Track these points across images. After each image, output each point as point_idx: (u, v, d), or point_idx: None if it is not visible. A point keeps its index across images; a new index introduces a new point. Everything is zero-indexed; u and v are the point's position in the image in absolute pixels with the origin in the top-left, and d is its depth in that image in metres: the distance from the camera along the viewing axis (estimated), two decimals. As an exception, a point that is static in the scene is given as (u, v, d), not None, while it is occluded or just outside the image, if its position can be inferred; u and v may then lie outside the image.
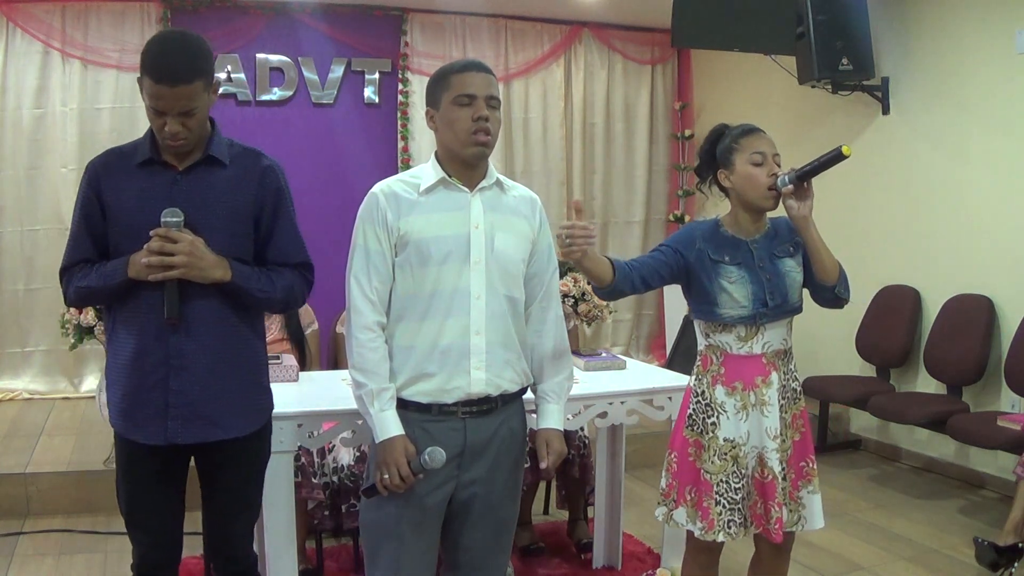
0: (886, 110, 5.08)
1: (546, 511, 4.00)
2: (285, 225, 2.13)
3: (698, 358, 2.36)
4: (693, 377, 2.37)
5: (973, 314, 4.50)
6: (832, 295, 2.28)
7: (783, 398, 2.31)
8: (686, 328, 5.89)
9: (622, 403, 2.98)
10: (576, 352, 3.25)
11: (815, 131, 5.48)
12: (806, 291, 2.36)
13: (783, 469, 2.29)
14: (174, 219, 1.94)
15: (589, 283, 2.32)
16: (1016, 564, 3.30)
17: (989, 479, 4.44)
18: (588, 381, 3.06)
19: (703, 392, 2.32)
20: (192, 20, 5.67)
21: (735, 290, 2.25)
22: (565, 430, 2.21)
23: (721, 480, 2.27)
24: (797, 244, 2.32)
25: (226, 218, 2.03)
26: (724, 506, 2.26)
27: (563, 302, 4.01)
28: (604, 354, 3.45)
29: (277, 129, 5.91)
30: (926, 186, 4.80)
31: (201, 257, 1.96)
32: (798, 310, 2.33)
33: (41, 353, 5.65)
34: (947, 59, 4.70)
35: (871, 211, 5.19)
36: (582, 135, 6.65)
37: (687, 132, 6.84)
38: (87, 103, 5.60)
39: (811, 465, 2.35)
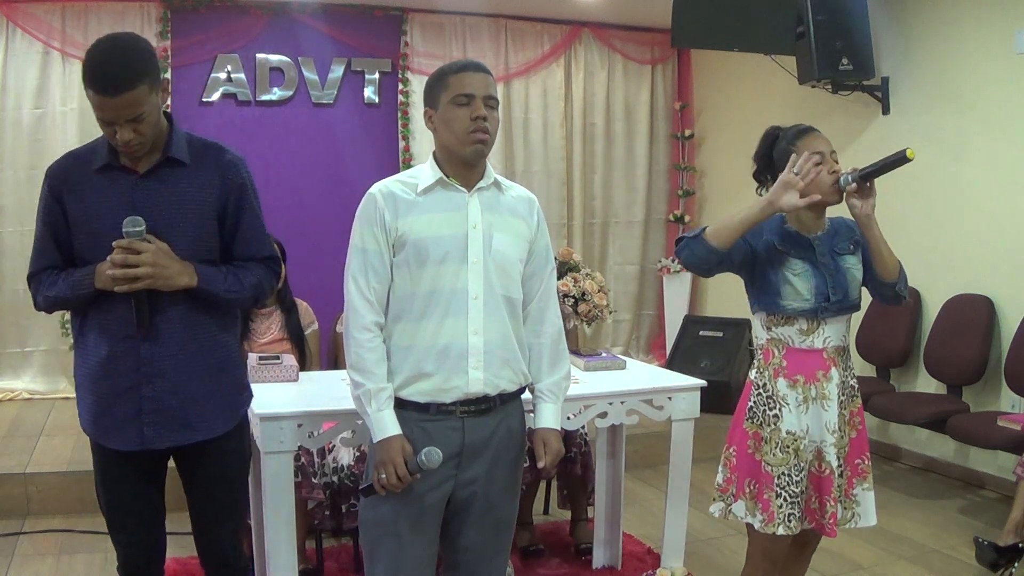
0: (886, 110, 5.07)
1: (546, 511, 4.00)
2: (250, 220, 2.11)
3: (759, 352, 2.38)
4: (754, 370, 2.37)
5: (973, 314, 4.50)
6: (893, 292, 2.33)
7: (843, 394, 2.33)
8: (686, 328, 5.90)
9: (622, 403, 2.98)
10: (576, 352, 3.25)
11: (815, 131, 5.47)
12: (864, 290, 2.40)
13: (840, 465, 2.31)
14: (135, 228, 1.92)
15: (683, 236, 2.31)
16: (1016, 564, 3.30)
17: (989, 479, 4.44)
18: (588, 381, 3.05)
19: (764, 384, 2.32)
20: (192, 20, 5.68)
21: (799, 283, 2.28)
22: (565, 429, 2.21)
23: (783, 473, 2.27)
24: (856, 243, 2.37)
25: (190, 219, 2.01)
26: (785, 499, 2.26)
27: (563, 302, 4.02)
28: (604, 354, 3.45)
29: (277, 129, 5.91)
30: (926, 186, 4.80)
31: (166, 266, 1.94)
32: (857, 307, 2.36)
33: (41, 353, 5.65)
34: (947, 59, 4.70)
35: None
36: (582, 135, 6.65)
37: (687, 132, 6.84)
38: (87, 103, 5.55)
39: (866, 462, 2.38)
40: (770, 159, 2.39)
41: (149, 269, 1.91)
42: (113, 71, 1.86)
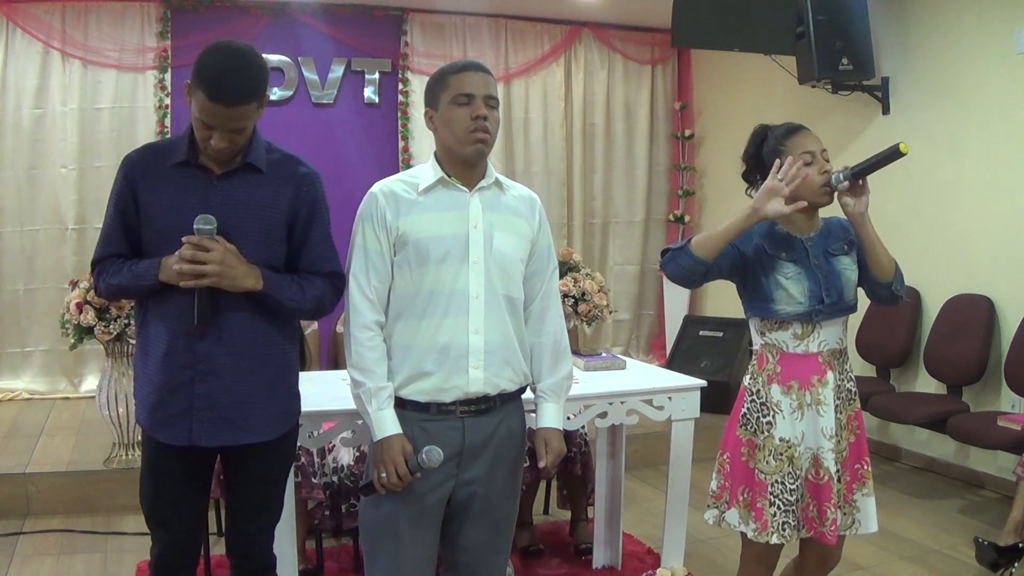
0: (886, 110, 5.08)
1: (546, 511, 4.00)
2: (319, 234, 2.12)
3: (753, 357, 2.33)
4: (748, 376, 2.33)
5: (973, 314, 4.50)
6: (889, 292, 2.27)
7: (839, 398, 2.28)
8: (686, 328, 5.89)
9: (622, 403, 2.98)
10: (576, 352, 3.25)
11: (815, 131, 5.46)
12: (860, 290, 2.34)
13: (838, 470, 2.26)
14: (207, 227, 1.93)
15: (667, 248, 2.27)
16: (1016, 564, 3.30)
17: (989, 479, 4.44)
18: (588, 381, 3.05)
19: (758, 391, 2.28)
20: (192, 20, 5.68)
21: (791, 286, 2.22)
22: (565, 429, 2.21)
23: (776, 481, 2.23)
24: (851, 243, 2.31)
25: (260, 225, 2.03)
26: (779, 507, 2.22)
27: (563, 302, 4.02)
28: (604, 354, 3.45)
29: (277, 129, 5.88)
30: (926, 186, 4.80)
31: (233, 267, 1.95)
32: (853, 309, 2.30)
33: (41, 353, 5.65)
34: (947, 59, 4.70)
35: (871, 211, 5.17)
36: (582, 135, 6.65)
37: (687, 132, 6.85)
38: (87, 103, 5.60)
39: (866, 467, 2.33)
40: (759, 159, 2.32)
41: (216, 267, 1.92)
42: (233, 84, 1.88)
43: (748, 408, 2.29)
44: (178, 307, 1.98)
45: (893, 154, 2.15)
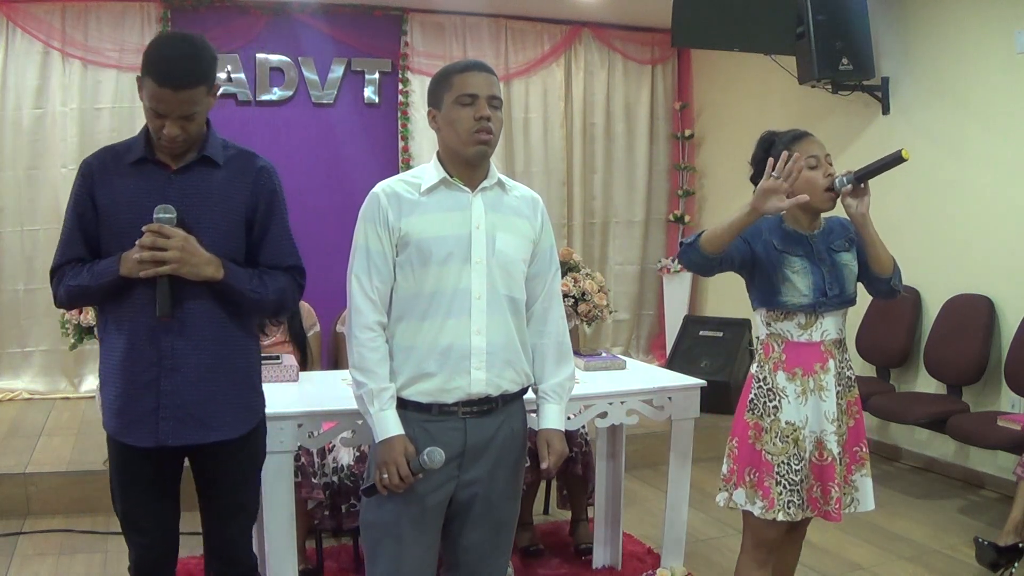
0: (886, 110, 5.08)
1: (546, 511, 4.00)
2: (278, 227, 2.12)
3: (759, 346, 2.46)
4: (755, 364, 2.45)
5: (973, 314, 4.50)
6: (888, 287, 2.42)
7: (839, 385, 2.41)
8: (686, 328, 5.89)
9: (622, 403, 2.98)
10: (576, 352, 3.24)
11: (815, 131, 5.45)
12: (860, 285, 2.48)
13: (840, 452, 2.38)
14: (166, 215, 1.93)
15: (682, 241, 2.39)
16: (1016, 564, 3.30)
17: (989, 479, 4.44)
18: (588, 381, 3.06)
19: (764, 378, 2.40)
20: (192, 20, 5.67)
21: (798, 279, 2.35)
22: (566, 429, 2.21)
23: (782, 461, 2.35)
24: (851, 240, 2.45)
25: (219, 218, 2.02)
26: (785, 487, 2.34)
27: (563, 302, 4.02)
28: (604, 354, 3.45)
29: (277, 129, 5.91)
30: (926, 186, 4.80)
31: (193, 253, 1.95)
32: (853, 302, 2.44)
33: (41, 353, 5.64)
34: (947, 59, 4.70)
35: (872, 211, 5.17)
36: (582, 135, 6.65)
37: (687, 132, 6.85)
38: (87, 103, 5.60)
39: (864, 450, 2.46)
40: (766, 163, 2.39)
41: (177, 254, 1.92)
42: (179, 67, 1.89)
43: (755, 394, 2.41)
44: (138, 304, 1.97)
45: (895, 159, 2.27)
